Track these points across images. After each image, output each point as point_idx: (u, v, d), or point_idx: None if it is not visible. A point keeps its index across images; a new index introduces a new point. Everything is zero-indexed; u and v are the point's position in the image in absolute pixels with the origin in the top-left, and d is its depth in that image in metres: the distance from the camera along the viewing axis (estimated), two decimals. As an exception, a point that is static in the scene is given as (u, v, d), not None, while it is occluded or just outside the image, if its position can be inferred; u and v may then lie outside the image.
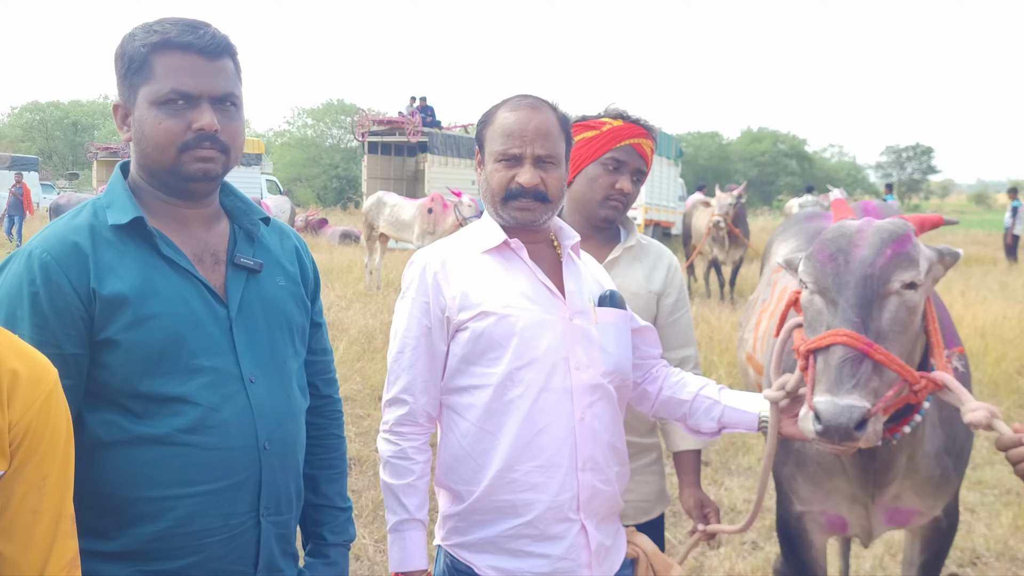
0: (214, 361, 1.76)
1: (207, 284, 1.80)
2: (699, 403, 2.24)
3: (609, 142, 2.60)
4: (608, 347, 2.11)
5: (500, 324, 2.02)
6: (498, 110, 2.14)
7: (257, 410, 1.80)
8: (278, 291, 1.93)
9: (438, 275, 2.09)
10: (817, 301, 2.13)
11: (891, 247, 2.07)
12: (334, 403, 2.15)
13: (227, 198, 1.97)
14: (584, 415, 2.04)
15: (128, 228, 1.75)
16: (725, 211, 13.50)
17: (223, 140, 1.79)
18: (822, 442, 1.94)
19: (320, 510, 2.08)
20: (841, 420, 1.88)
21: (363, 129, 23.54)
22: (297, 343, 1.97)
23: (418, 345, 2.08)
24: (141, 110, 1.77)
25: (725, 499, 5.26)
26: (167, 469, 1.71)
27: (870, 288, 2.04)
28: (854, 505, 2.60)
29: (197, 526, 1.73)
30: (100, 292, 1.68)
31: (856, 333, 1.96)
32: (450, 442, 2.10)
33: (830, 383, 1.94)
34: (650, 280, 2.68)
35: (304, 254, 2.08)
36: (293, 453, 1.90)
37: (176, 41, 1.76)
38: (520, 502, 2.02)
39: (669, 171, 23.63)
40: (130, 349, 1.69)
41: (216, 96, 1.78)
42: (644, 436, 2.69)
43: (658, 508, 2.73)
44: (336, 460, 2.13)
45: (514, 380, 2.01)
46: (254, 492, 1.80)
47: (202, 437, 1.73)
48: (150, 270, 1.74)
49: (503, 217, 2.12)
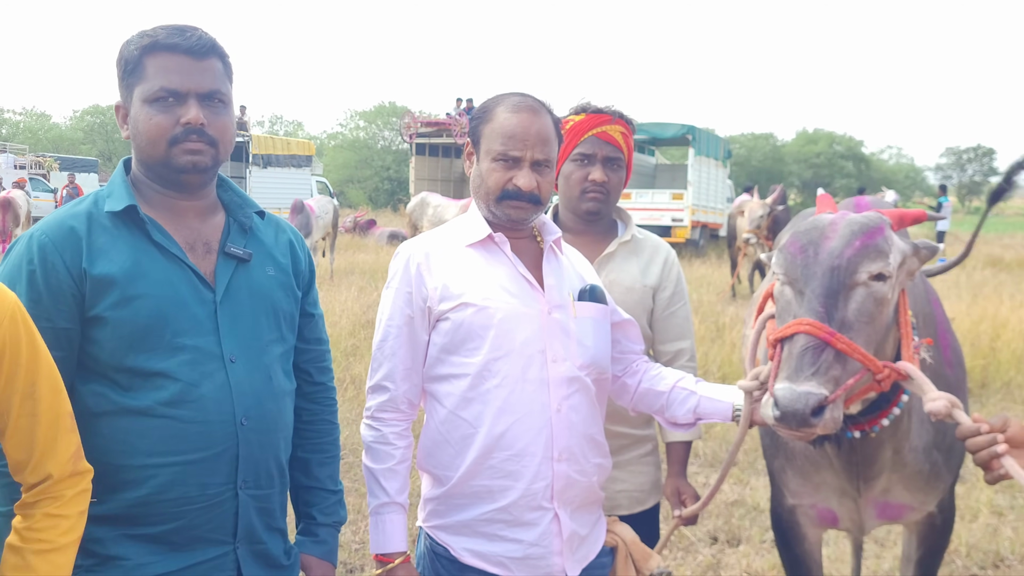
0: (196, 340, 1.88)
1: (195, 269, 1.92)
2: (676, 394, 2.28)
3: (574, 138, 2.65)
4: (585, 340, 2.16)
5: (479, 315, 2.08)
6: (497, 108, 2.19)
7: (235, 388, 1.90)
8: (267, 280, 2.04)
9: (421, 266, 2.15)
10: (787, 292, 2.15)
11: (860, 239, 2.08)
12: (327, 390, 2.23)
13: (224, 192, 2.09)
14: (561, 407, 2.09)
15: (123, 215, 1.89)
16: (756, 224, 12.79)
17: (210, 134, 1.91)
18: (780, 427, 1.96)
19: (311, 492, 2.18)
20: (797, 406, 1.89)
21: (411, 131, 23.81)
22: (284, 329, 2.07)
23: (400, 334, 2.15)
24: (136, 108, 1.91)
25: (749, 498, 5.27)
26: (149, 439, 1.83)
27: (836, 279, 2.05)
28: (843, 499, 2.61)
29: (176, 494, 1.85)
30: (91, 272, 1.82)
31: (818, 322, 1.98)
32: (431, 428, 2.17)
33: (790, 370, 1.96)
34: (645, 274, 2.72)
35: (299, 248, 2.18)
36: (273, 431, 2.00)
37: (164, 43, 1.89)
38: (496, 488, 2.08)
39: (717, 172, 23.46)
40: (117, 326, 1.82)
41: (203, 93, 1.90)
42: (639, 428, 2.73)
43: (652, 498, 2.77)
44: (327, 444, 2.21)
45: (491, 370, 2.07)
46: (231, 465, 1.91)
47: (181, 410, 1.84)
48: (140, 254, 1.87)
49: (495, 214, 2.17)
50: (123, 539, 1.83)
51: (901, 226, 2.22)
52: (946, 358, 2.65)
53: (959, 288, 12.86)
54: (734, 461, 2.30)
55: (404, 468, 2.16)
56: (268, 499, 2.01)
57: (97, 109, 57.97)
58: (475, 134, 2.22)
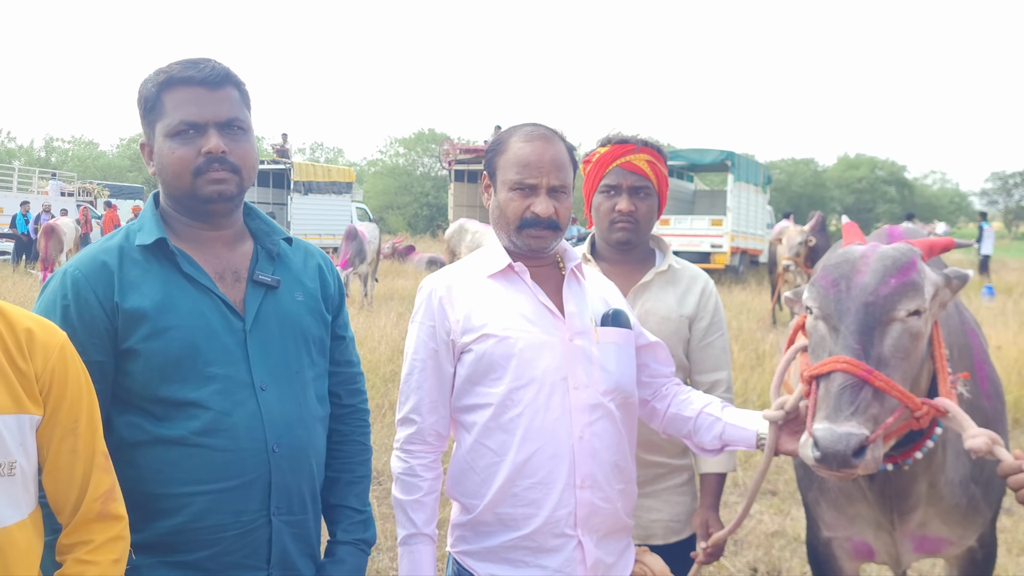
0: (227, 369, 1.91)
1: (224, 299, 1.95)
2: (702, 420, 2.27)
3: (600, 169, 2.68)
4: (608, 366, 2.16)
5: (500, 346, 2.11)
6: (511, 139, 2.22)
7: (267, 415, 1.93)
8: (295, 305, 2.06)
9: (443, 299, 2.18)
10: (821, 327, 2.13)
11: (894, 275, 2.07)
12: (357, 411, 2.24)
13: (252, 220, 2.12)
14: (583, 434, 2.10)
15: (153, 248, 1.93)
16: (795, 252, 12.70)
17: (232, 161, 1.95)
18: (820, 468, 1.94)
19: (336, 510, 2.18)
20: (838, 447, 1.88)
21: (449, 158, 23.99)
22: (314, 354, 2.09)
23: (425, 367, 2.18)
24: (159, 143, 1.96)
25: (790, 528, 5.18)
26: (183, 468, 1.86)
27: (872, 315, 2.03)
28: (879, 532, 2.57)
29: (210, 521, 1.88)
30: (123, 306, 1.87)
31: (854, 359, 1.97)
32: (458, 457, 2.20)
33: (829, 410, 1.94)
34: (682, 304, 2.71)
35: (328, 272, 2.21)
36: (306, 457, 2.02)
37: (179, 77, 1.94)
38: (520, 516, 2.09)
39: (757, 198, 23.32)
40: (149, 357, 1.86)
41: (221, 121, 1.94)
42: (675, 457, 2.72)
43: (688, 529, 2.75)
44: (356, 465, 2.22)
45: (513, 400, 2.09)
46: (264, 492, 1.93)
47: (214, 439, 1.87)
48: (170, 286, 1.91)
49: (516, 243, 2.20)
50: (160, 566, 1.86)
51: (931, 255, 2.20)
52: (983, 390, 2.61)
53: (1006, 316, 12.60)
54: (758, 491, 2.28)
55: (432, 499, 2.18)
56: (302, 525, 2.03)
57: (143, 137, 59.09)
58: (491, 166, 2.25)
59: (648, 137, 2.71)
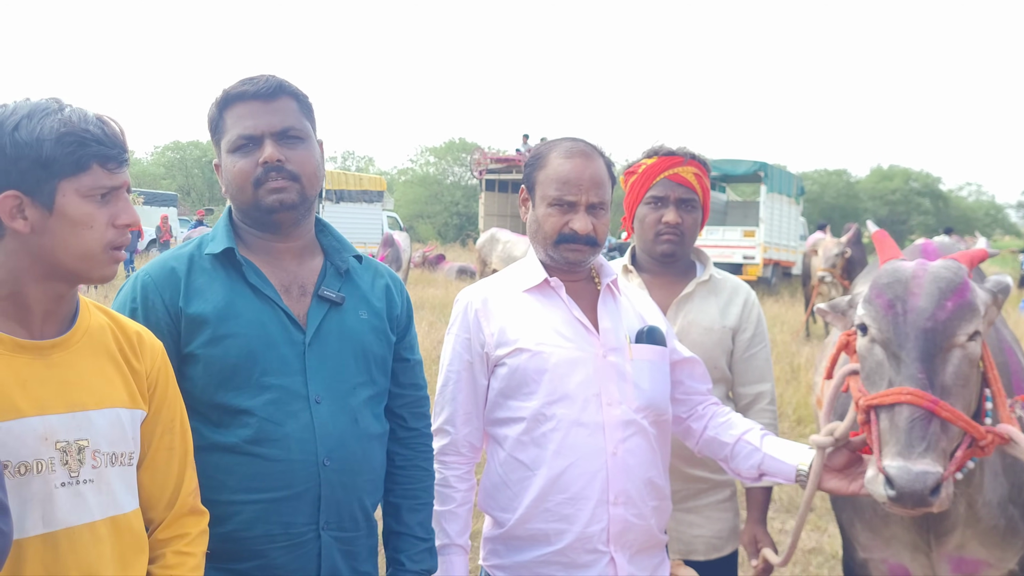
0: (283, 380, 1.93)
1: (287, 311, 1.98)
2: (740, 448, 2.25)
3: (647, 181, 2.66)
4: (642, 383, 2.16)
5: (533, 360, 2.12)
6: (550, 154, 2.23)
7: (319, 428, 1.94)
8: (358, 323, 2.06)
9: (479, 312, 2.20)
10: (878, 352, 2.07)
11: (952, 298, 2.01)
12: (421, 436, 2.20)
13: (324, 236, 2.14)
14: (617, 450, 2.10)
15: (221, 257, 1.99)
16: (831, 263, 12.50)
17: (290, 169, 1.97)
18: (893, 507, 1.89)
19: (400, 538, 2.15)
20: (916, 487, 1.83)
21: (480, 167, 24.07)
22: (375, 372, 2.08)
23: (460, 379, 2.20)
24: (224, 160, 2.02)
25: (827, 546, 5.13)
26: (234, 475, 1.90)
27: (933, 342, 1.98)
28: (915, 554, 2.52)
29: (259, 531, 1.90)
30: (186, 311, 1.92)
31: (920, 390, 1.91)
32: (491, 470, 2.21)
33: (900, 446, 1.89)
34: (725, 315, 2.69)
35: (396, 292, 2.19)
36: (357, 473, 2.00)
37: (234, 93, 2.00)
38: (551, 531, 2.10)
39: (790, 209, 23.15)
40: (209, 363, 1.90)
41: (276, 131, 1.97)
42: (717, 472, 2.68)
43: (730, 545, 2.73)
44: (419, 491, 2.17)
45: (546, 414, 2.10)
46: (314, 505, 1.93)
47: (264, 448, 1.90)
48: (234, 295, 1.95)
49: (553, 258, 2.20)
50: (211, 571, 1.87)
51: (971, 269, 2.15)
52: None
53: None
54: (805, 519, 2.23)
55: (465, 510, 2.19)
56: (353, 542, 2.02)
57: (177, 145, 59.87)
58: (529, 180, 2.26)
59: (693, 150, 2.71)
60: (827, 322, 2.42)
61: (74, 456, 1.55)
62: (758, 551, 2.61)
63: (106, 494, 1.59)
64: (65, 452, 1.54)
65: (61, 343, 1.59)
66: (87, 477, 1.56)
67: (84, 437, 1.57)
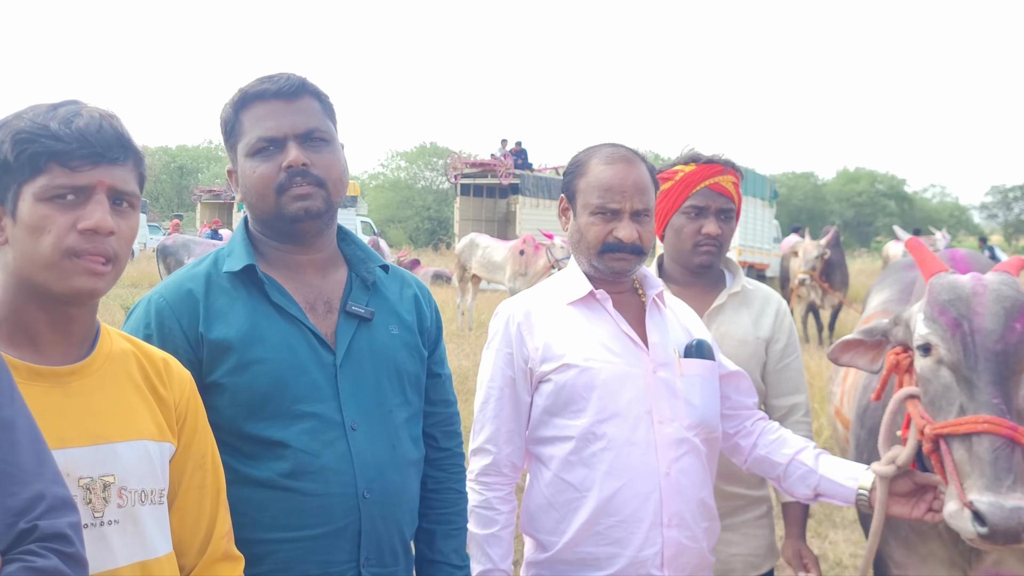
0: (316, 407, 1.79)
1: (315, 331, 1.83)
2: (794, 468, 2.18)
3: (685, 189, 2.57)
4: (693, 400, 2.09)
5: (582, 376, 2.04)
6: (591, 161, 2.15)
7: (357, 458, 1.80)
8: (390, 339, 1.93)
9: (522, 326, 2.11)
10: (945, 375, 1.98)
11: (1018, 319, 1.94)
12: (454, 456, 2.08)
13: (347, 246, 2.00)
14: (670, 470, 2.03)
15: (241, 275, 1.83)
16: (811, 266, 12.73)
17: (315, 174, 1.82)
18: (983, 543, 1.83)
19: (435, 566, 2.03)
20: (1011, 524, 1.76)
21: (456, 171, 23.96)
22: (409, 392, 1.95)
23: (502, 396, 2.11)
24: (241, 165, 1.86)
25: (830, 553, 5.08)
26: (269, 512, 1.75)
27: (1006, 365, 1.91)
28: (952, 570, 2.45)
29: (296, 572, 1.76)
30: (208, 336, 1.77)
31: (999, 418, 1.84)
32: (535, 491, 2.12)
33: (987, 479, 1.81)
34: (758, 326, 2.62)
35: (425, 303, 2.07)
36: (397, 504, 1.88)
37: (253, 92, 1.85)
38: (603, 555, 2.02)
39: (763, 212, 23.30)
40: (235, 392, 1.75)
41: (300, 133, 1.82)
42: (754, 488, 2.63)
43: (768, 563, 2.67)
44: (454, 516, 2.07)
45: (596, 433, 2.02)
46: (353, 541, 1.80)
47: (301, 483, 1.76)
48: (258, 316, 1.80)
49: (597, 268, 2.12)
50: None
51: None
52: None
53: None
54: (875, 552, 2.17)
55: (508, 533, 2.11)
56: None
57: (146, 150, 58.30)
58: (569, 189, 2.18)
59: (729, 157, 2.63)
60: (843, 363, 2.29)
61: (99, 494, 1.39)
62: (804, 566, 2.54)
63: (133, 536, 1.43)
64: (88, 490, 1.38)
65: (80, 369, 1.44)
66: (112, 518, 1.40)
67: (109, 472, 1.41)
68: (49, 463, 1.24)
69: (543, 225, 17.46)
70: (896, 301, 3.42)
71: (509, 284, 13.90)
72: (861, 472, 2.11)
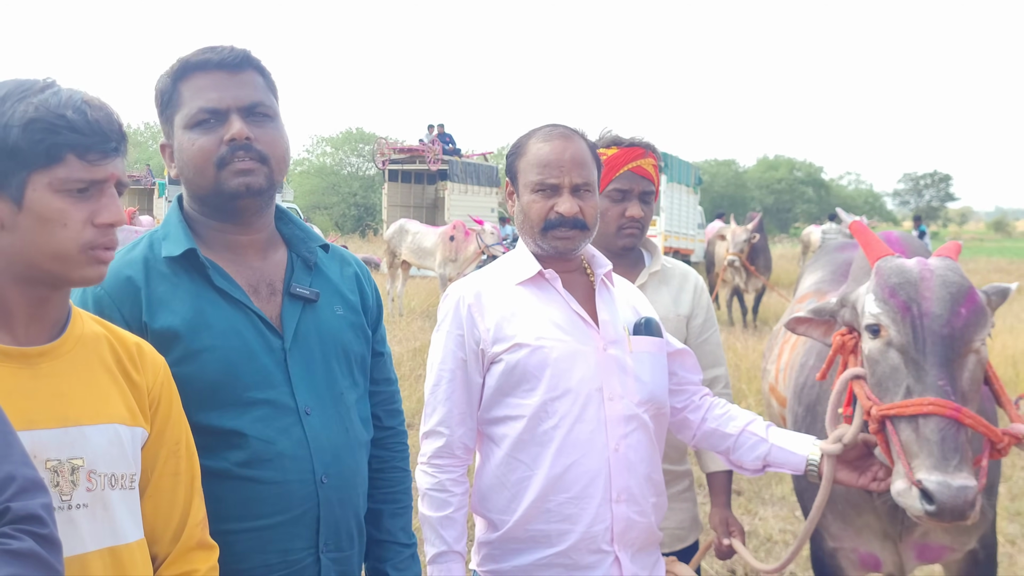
0: (268, 394, 1.76)
1: (261, 315, 1.80)
2: (745, 439, 2.22)
3: (608, 173, 2.60)
4: (643, 376, 2.12)
5: (534, 356, 2.05)
6: (529, 141, 2.16)
7: (313, 443, 1.78)
8: (336, 320, 1.91)
9: (472, 308, 2.11)
10: (893, 356, 2.03)
11: (963, 304, 2.00)
12: (398, 434, 2.10)
13: (285, 226, 1.96)
14: (619, 446, 2.06)
15: (181, 260, 1.77)
16: (740, 248, 13.32)
17: (259, 149, 1.77)
18: (931, 521, 1.87)
19: (383, 546, 2.04)
20: (958, 502, 1.81)
21: (383, 157, 23.70)
22: (356, 373, 1.95)
23: (454, 378, 2.11)
24: (179, 138, 1.79)
25: (761, 529, 5.18)
26: (225, 503, 1.71)
27: (952, 348, 1.96)
28: (885, 542, 2.56)
29: (255, 561, 1.74)
30: (152, 326, 1.71)
31: (944, 399, 1.89)
32: (486, 471, 2.13)
33: (935, 459, 1.85)
34: (678, 303, 2.70)
35: (365, 281, 2.05)
36: (353, 487, 1.88)
37: (195, 62, 1.78)
38: (554, 532, 2.04)
39: (688, 199, 23.64)
40: (184, 383, 1.67)
41: (244, 106, 1.77)
42: (677, 463, 2.69)
43: (692, 535, 2.74)
44: (400, 494, 2.08)
45: (548, 411, 2.03)
46: (312, 527, 1.79)
47: (258, 471, 1.73)
48: (203, 302, 1.75)
49: (542, 247, 2.14)
50: None
51: None
52: None
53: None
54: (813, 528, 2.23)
55: (461, 515, 2.11)
56: (348, 562, 1.90)
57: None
58: (512, 171, 2.19)
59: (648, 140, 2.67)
60: (800, 333, 2.38)
61: (66, 477, 1.37)
62: (730, 533, 2.62)
63: (103, 521, 1.40)
64: (56, 472, 1.36)
65: (50, 351, 1.42)
66: (81, 501, 1.38)
67: (78, 455, 1.38)
68: (16, 444, 1.22)
69: (472, 211, 17.47)
70: (829, 281, 3.53)
71: (439, 270, 13.89)
72: (811, 442, 2.16)
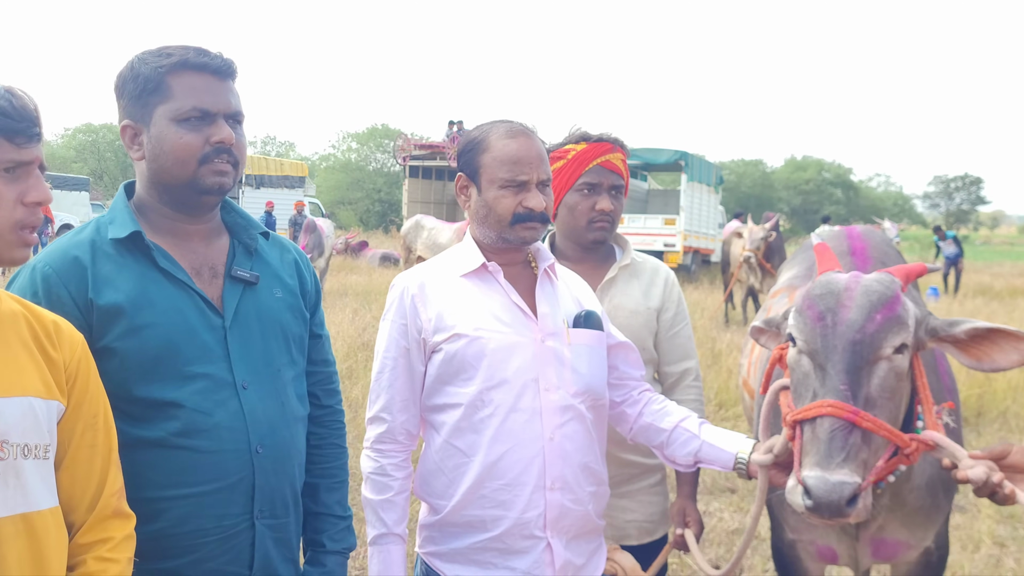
0: (207, 368, 1.86)
1: (203, 295, 1.90)
2: (677, 435, 2.27)
3: (578, 168, 2.65)
4: (580, 368, 2.16)
5: (472, 346, 2.09)
6: (490, 137, 2.19)
7: (249, 415, 1.89)
8: (275, 302, 2.02)
9: (416, 298, 2.16)
10: (805, 363, 2.09)
11: (881, 311, 2.03)
12: (335, 413, 2.21)
13: (228, 214, 2.07)
14: (554, 435, 2.09)
15: (127, 242, 1.87)
16: (756, 246, 13.41)
17: (236, 154, 1.92)
18: (811, 516, 1.91)
19: (320, 518, 2.14)
20: (832, 497, 1.85)
21: (404, 153, 23.87)
22: (294, 352, 2.05)
23: (396, 365, 2.16)
24: (160, 127, 1.87)
25: (718, 525, 5.21)
26: (162, 471, 1.81)
27: (859, 354, 1.99)
28: (842, 536, 2.58)
29: (191, 526, 1.83)
30: (97, 302, 1.80)
31: (841, 402, 1.93)
32: (427, 457, 2.19)
33: (819, 456, 1.90)
34: (648, 296, 2.72)
35: (304, 268, 2.17)
36: (288, 458, 1.98)
37: (193, 62, 1.88)
38: (488, 518, 2.09)
39: (709, 198, 23.57)
40: (126, 356, 1.80)
41: (229, 113, 1.91)
42: (648, 456, 2.70)
43: (661, 529, 2.76)
44: (336, 469, 2.18)
45: (484, 400, 2.08)
46: (247, 495, 1.88)
47: (195, 440, 1.82)
48: (147, 282, 1.85)
49: (509, 239, 2.17)
50: (141, 572, 1.77)
51: (907, 284, 2.17)
52: None
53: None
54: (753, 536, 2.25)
55: (402, 499, 2.16)
56: (284, 528, 1.99)
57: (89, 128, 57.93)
58: (471, 166, 2.21)
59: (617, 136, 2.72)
60: (760, 342, 2.41)
61: None
62: (685, 523, 2.64)
63: (15, 488, 1.46)
64: None
65: None
66: None
67: None
68: None
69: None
70: (802, 277, 3.56)
71: (453, 266, 13.95)
72: (742, 440, 2.21)
